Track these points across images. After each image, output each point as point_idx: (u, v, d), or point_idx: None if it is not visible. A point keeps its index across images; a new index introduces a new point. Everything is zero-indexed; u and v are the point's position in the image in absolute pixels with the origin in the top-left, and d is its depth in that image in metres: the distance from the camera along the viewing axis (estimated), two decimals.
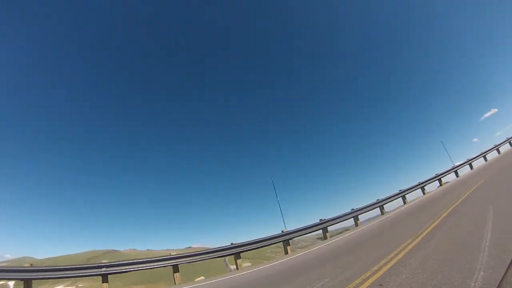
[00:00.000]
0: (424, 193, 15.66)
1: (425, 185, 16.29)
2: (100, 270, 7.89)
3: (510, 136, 24.61)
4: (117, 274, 9.22)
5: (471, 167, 20.19)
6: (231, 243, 10.53)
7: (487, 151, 22.31)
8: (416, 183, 15.89)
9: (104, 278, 7.77)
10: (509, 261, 1.15)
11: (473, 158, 20.93)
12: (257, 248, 10.49)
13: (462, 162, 20.18)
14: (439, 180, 17.21)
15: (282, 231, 11.01)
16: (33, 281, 8.18)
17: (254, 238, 10.42)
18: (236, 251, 9.91)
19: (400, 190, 14.52)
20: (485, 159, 21.81)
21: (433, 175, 17.25)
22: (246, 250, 10.05)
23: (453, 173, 18.90)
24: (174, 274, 8.82)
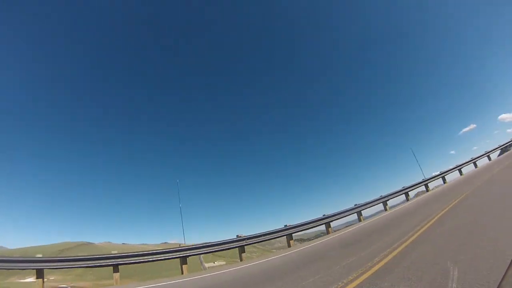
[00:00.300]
0: (386, 209, 14.64)
1: (388, 200, 14.98)
2: None
3: (489, 150, 24.07)
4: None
5: (444, 180, 19.38)
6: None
7: (462, 164, 21.44)
8: (377, 196, 14.68)
9: None
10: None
11: (447, 171, 20.07)
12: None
13: (435, 174, 19.41)
14: (406, 194, 16.20)
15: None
16: (4, 271, 8.49)
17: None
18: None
19: (355, 205, 13.36)
20: (460, 172, 20.96)
21: (400, 187, 16.05)
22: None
23: (424, 186, 17.93)
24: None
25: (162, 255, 9.65)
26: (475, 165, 22.73)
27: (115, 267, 8.97)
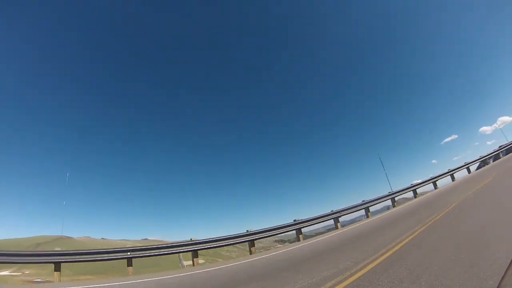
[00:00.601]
0: (337, 226, 13.15)
1: (340, 216, 13.50)
2: None
3: (468, 161, 23.00)
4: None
5: (415, 193, 17.94)
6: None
7: (438, 176, 20.03)
8: (328, 211, 13.54)
9: None
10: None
11: (420, 183, 18.63)
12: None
13: (404, 187, 17.64)
14: (367, 209, 14.69)
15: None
16: None
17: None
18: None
19: (294, 220, 12.64)
20: (435, 185, 19.54)
21: (360, 201, 14.75)
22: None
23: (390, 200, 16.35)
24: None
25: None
26: (452, 178, 21.56)
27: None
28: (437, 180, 20.10)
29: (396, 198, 17.03)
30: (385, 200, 16.46)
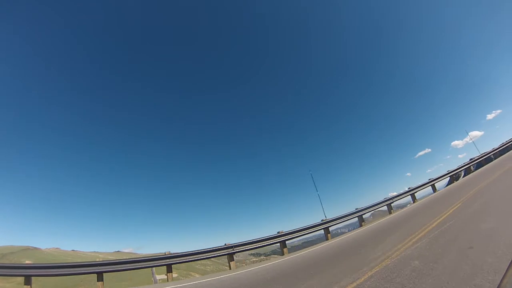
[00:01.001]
0: (230, 267, 11.48)
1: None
2: None
3: (433, 178, 20.47)
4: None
5: (361, 221, 15.47)
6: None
7: (394, 197, 17.53)
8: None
9: None
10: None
11: (366, 209, 15.79)
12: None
13: (341, 215, 14.66)
14: (283, 243, 12.46)
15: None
16: None
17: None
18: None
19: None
20: (390, 208, 16.92)
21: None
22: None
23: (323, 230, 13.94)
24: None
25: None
26: (413, 198, 19.09)
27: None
28: (392, 203, 17.44)
29: (332, 228, 14.50)
30: (314, 232, 14.02)
